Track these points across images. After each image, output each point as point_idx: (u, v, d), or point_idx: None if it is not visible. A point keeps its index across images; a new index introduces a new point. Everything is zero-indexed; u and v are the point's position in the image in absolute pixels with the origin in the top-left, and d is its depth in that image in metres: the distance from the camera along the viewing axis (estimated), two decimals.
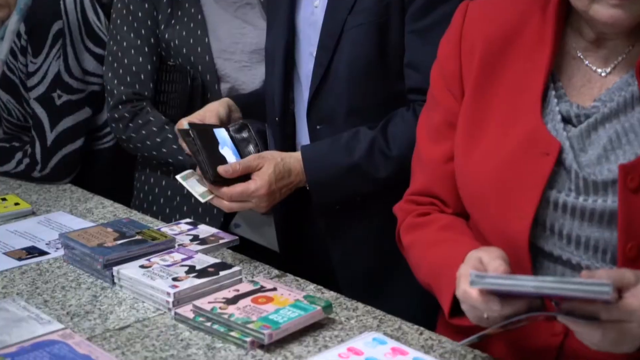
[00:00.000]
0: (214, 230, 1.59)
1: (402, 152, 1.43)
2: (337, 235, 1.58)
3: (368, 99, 1.49)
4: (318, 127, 1.54)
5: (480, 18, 1.18)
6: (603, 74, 1.09)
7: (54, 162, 1.95)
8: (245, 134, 1.55)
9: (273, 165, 1.44)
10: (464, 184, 1.17)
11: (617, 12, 0.99)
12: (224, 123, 1.58)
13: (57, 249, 1.51)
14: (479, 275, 0.95)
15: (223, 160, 1.46)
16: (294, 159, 1.48)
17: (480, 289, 0.96)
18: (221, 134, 1.52)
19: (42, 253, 1.51)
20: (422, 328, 1.21)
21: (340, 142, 1.47)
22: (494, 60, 1.14)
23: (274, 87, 1.61)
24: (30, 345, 1.13)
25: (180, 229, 1.58)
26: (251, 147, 1.54)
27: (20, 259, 1.48)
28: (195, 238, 1.53)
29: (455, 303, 1.06)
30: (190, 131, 1.48)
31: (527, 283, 0.92)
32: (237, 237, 1.55)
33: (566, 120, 1.08)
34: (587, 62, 1.10)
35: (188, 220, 1.65)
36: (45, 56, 1.90)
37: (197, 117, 1.58)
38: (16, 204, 1.76)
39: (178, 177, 1.53)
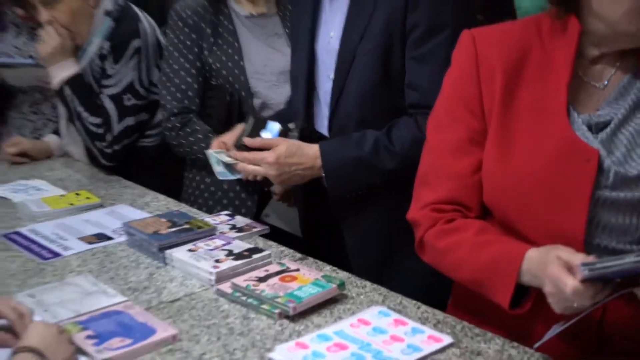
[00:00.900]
0: (248, 220, 1.60)
1: (404, 148, 1.43)
2: (350, 227, 1.56)
3: (375, 112, 1.48)
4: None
5: (495, 45, 1.13)
6: (601, 87, 1.10)
7: (117, 148, 1.99)
8: (294, 134, 1.55)
9: (286, 145, 1.47)
10: (503, 190, 1.11)
11: None
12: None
13: (120, 235, 1.53)
14: (587, 263, 0.91)
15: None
16: (311, 147, 1.49)
17: (582, 281, 0.92)
18: (273, 126, 1.56)
19: (109, 238, 1.52)
20: (419, 303, 1.21)
21: (351, 139, 1.47)
22: (513, 81, 1.11)
23: (298, 104, 1.62)
24: (99, 314, 1.15)
25: (220, 219, 1.59)
26: None
27: (90, 243, 1.50)
28: (233, 227, 1.55)
29: (515, 296, 1.04)
30: (249, 118, 1.58)
31: (629, 259, 0.88)
32: (267, 227, 1.55)
33: (588, 128, 1.08)
34: (586, 79, 1.10)
35: (227, 212, 1.66)
36: (123, 65, 1.95)
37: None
38: (87, 198, 1.78)
39: (210, 151, 1.58)
